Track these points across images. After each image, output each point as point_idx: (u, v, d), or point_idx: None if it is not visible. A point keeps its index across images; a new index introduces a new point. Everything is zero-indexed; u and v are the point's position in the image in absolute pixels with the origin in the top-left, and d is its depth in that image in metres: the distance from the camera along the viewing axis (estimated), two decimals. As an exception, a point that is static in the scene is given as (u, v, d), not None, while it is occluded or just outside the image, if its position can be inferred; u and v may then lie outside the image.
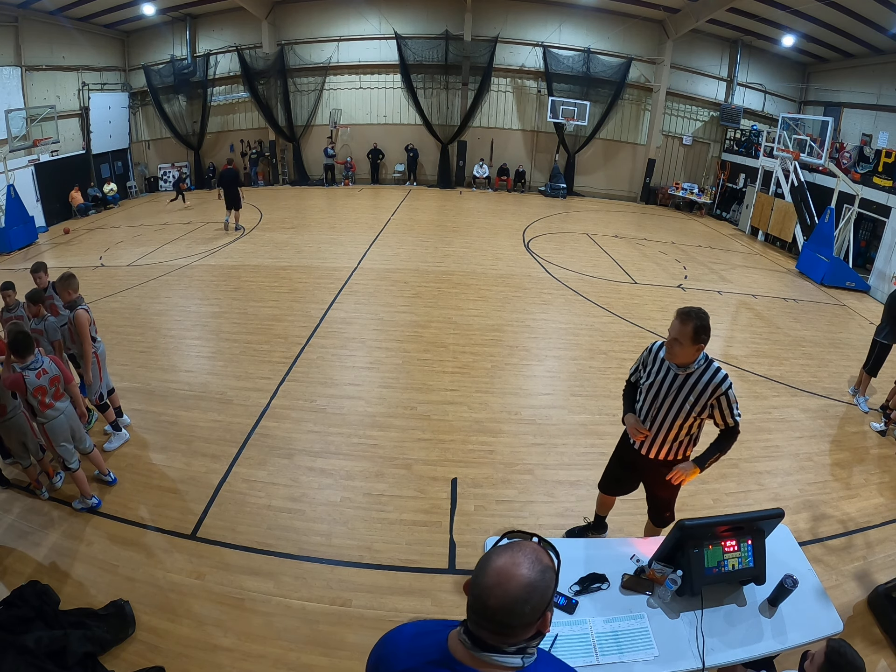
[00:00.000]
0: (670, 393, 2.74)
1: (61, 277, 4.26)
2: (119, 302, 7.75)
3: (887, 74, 12.86)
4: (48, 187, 13.29)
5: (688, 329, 2.60)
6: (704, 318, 2.61)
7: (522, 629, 1.06)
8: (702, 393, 2.66)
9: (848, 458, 4.88)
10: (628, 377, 3.09)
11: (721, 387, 2.64)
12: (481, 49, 15.90)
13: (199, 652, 2.85)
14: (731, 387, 2.66)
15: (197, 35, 16.66)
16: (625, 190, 17.63)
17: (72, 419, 3.78)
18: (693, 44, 15.94)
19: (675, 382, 2.72)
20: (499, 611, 1.02)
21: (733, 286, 9.58)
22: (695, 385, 2.67)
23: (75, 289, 4.28)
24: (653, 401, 2.81)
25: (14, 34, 12.78)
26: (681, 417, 2.73)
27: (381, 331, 6.89)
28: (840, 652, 1.81)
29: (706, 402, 2.67)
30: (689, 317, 2.61)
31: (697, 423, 2.78)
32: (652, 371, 2.83)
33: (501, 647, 1.06)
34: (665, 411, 2.77)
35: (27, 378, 3.44)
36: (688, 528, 2.17)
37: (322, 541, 3.62)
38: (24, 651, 2.64)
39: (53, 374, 3.61)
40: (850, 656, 1.79)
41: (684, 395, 2.70)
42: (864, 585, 3.45)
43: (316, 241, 10.83)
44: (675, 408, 2.73)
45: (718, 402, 2.68)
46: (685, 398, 2.70)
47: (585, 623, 2.16)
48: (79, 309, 4.22)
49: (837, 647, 1.82)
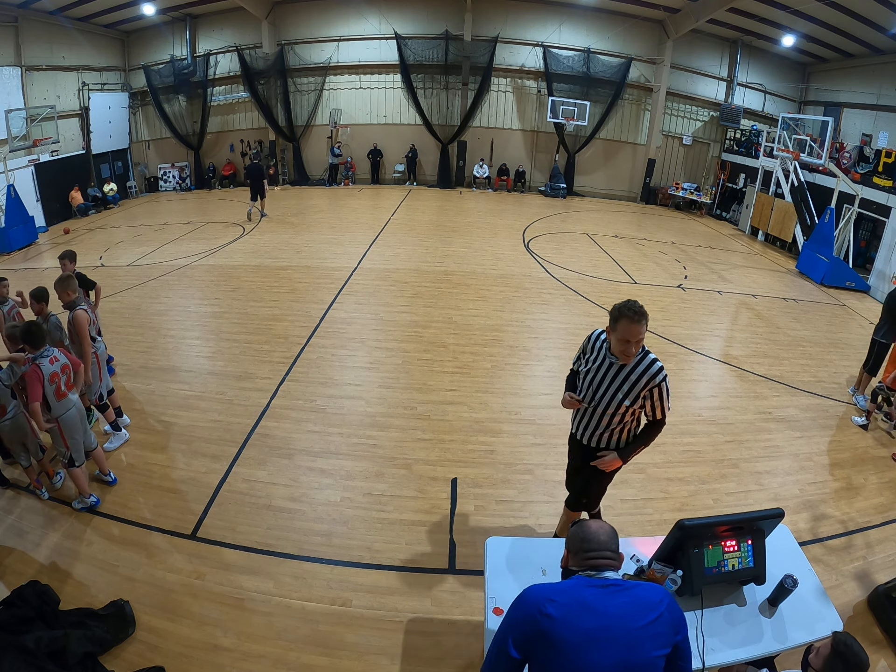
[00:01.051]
0: (605, 381, 2.74)
1: (60, 279, 4.28)
2: (119, 302, 7.75)
3: (887, 74, 12.85)
4: (48, 187, 13.29)
5: (642, 328, 2.54)
6: (646, 313, 2.58)
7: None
8: (636, 383, 2.66)
9: (848, 458, 4.88)
10: (572, 365, 3.09)
11: (655, 378, 2.64)
12: (481, 49, 15.90)
13: (199, 652, 2.85)
14: (665, 379, 2.67)
15: (197, 35, 16.66)
16: (625, 190, 17.63)
17: (81, 413, 3.83)
18: (693, 44, 15.94)
19: (610, 371, 2.72)
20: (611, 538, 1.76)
21: (733, 286, 9.58)
22: (629, 375, 2.67)
23: (74, 289, 4.29)
24: (589, 389, 2.81)
25: (14, 34, 12.78)
26: (613, 406, 2.73)
27: (381, 331, 6.89)
28: (847, 643, 1.83)
29: (639, 392, 2.67)
30: (642, 315, 2.52)
31: (631, 412, 2.78)
32: (591, 359, 2.83)
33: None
34: (600, 400, 2.77)
35: (42, 366, 3.49)
36: (688, 528, 2.17)
37: (322, 541, 3.62)
38: (24, 651, 2.64)
39: (63, 362, 3.69)
40: (856, 648, 1.81)
41: (618, 384, 2.70)
42: (864, 585, 3.45)
43: (316, 241, 10.83)
44: (608, 396, 2.73)
45: (651, 394, 2.69)
46: (619, 387, 2.70)
47: None
48: (78, 309, 4.23)
49: (844, 639, 1.85)
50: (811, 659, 1.87)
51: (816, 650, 1.89)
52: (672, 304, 8.39)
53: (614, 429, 2.84)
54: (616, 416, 2.78)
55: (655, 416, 2.80)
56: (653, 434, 2.89)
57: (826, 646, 1.85)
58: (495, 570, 2.37)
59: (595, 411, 2.81)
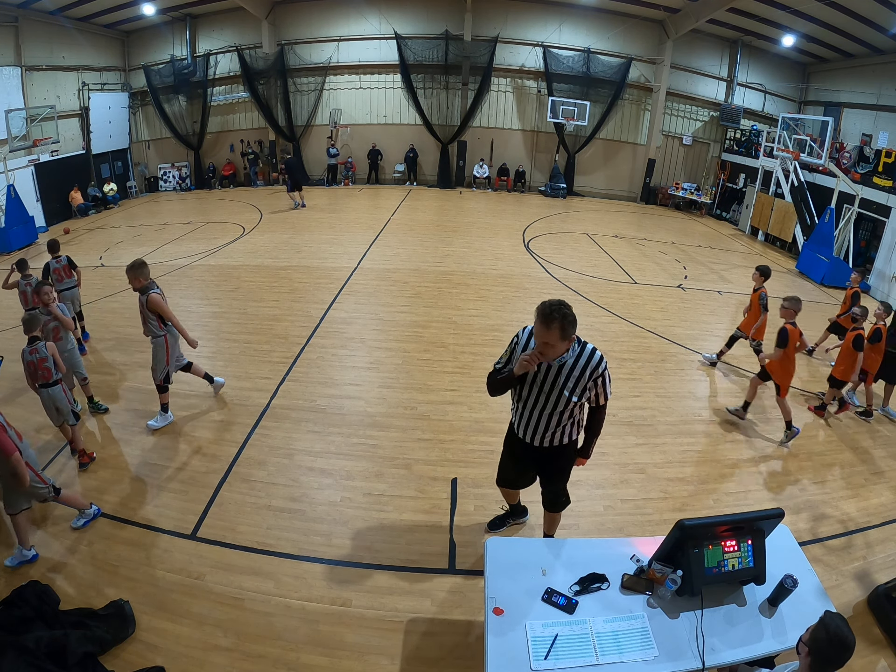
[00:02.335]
0: (546, 383, 2.66)
1: (132, 265, 4.63)
2: (119, 302, 7.75)
3: (887, 74, 12.86)
4: (48, 187, 13.30)
5: (553, 331, 2.43)
6: (568, 314, 2.44)
7: None
8: (580, 378, 2.63)
9: (848, 458, 4.88)
10: (494, 365, 2.90)
11: (598, 369, 2.63)
12: (481, 49, 15.90)
13: (199, 652, 2.85)
14: (606, 366, 2.66)
15: (197, 35, 16.66)
16: (625, 190, 17.63)
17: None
18: (693, 44, 15.94)
19: (549, 373, 2.64)
20: None
21: (733, 286, 9.58)
22: (571, 372, 2.62)
23: (146, 276, 4.65)
24: (529, 390, 2.73)
25: (14, 34, 12.78)
26: (560, 405, 2.69)
27: (381, 331, 6.89)
28: (832, 617, 1.86)
29: (585, 385, 2.65)
30: (552, 318, 2.41)
31: (579, 407, 2.78)
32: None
33: None
34: (544, 401, 2.71)
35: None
36: (688, 528, 2.17)
37: (322, 541, 3.61)
38: (24, 651, 2.64)
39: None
40: (840, 622, 1.84)
41: (561, 383, 2.64)
42: (864, 585, 3.45)
43: (316, 241, 10.83)
44: (553, 397, 2.68)
45: (595, 384, 2.67)
46: (563, 386, 2.64)
47: (585, 623, 2.16)
48: (151, 293, 4.57)
49: (832, 614, 1.89)
50: (802, 635, 1.90)
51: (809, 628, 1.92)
52: (672, 304, 8.39)
53: (565, 425, 2.81)
54: (565, 414, 2.74)
55: (599, 402, 2.80)
56: (600, 422, 2.93)
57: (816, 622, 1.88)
58: (495, 570, 2.37)
59: (542, 413, 2.75)
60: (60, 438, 4.53)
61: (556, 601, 2.23)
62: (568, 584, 2.30)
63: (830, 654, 1.80)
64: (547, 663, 2.01)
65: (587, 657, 2.04)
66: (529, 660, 2.01)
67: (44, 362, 4.00)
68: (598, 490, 4.21)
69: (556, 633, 2.10)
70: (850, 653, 1.80)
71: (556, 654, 2.04)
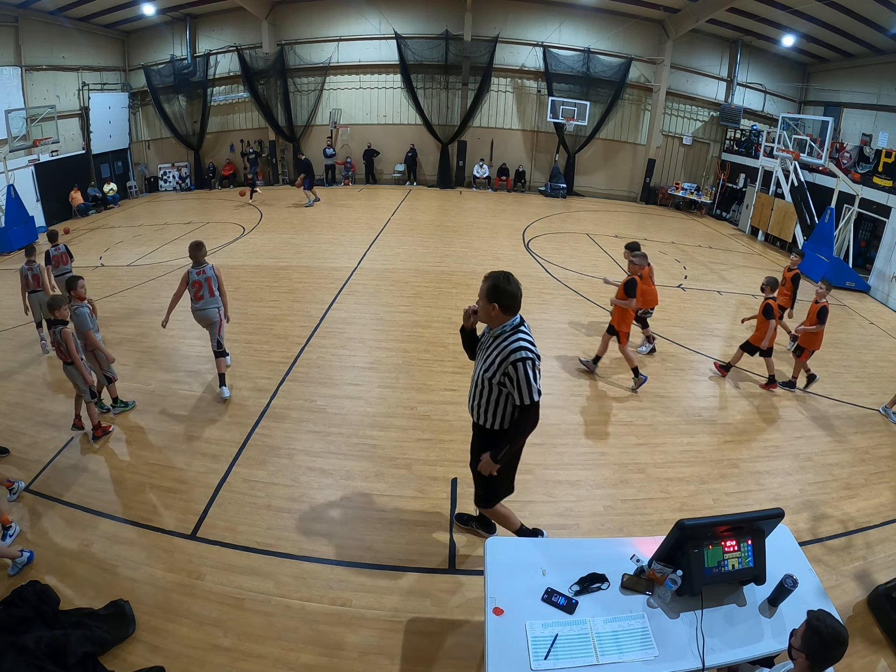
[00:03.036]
0: (481, 349, 2.90)
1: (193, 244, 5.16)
2: (119, 302, 7.75)
3: (887, 74, 12.86)
4: (48, 187, 13.30)
5: (483, 289, 2.73)
6: (499, 280, 2.68)
7: None
8: (495, 358, 2.73)
9: (848, 458, 4.88)
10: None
11: (509, 357, 2.65)
12: (481, 49, 15.90)
13: (199, 652, 2.85)
14: (523, 363, 2.62)
15: (197, 35, 16.66)
16: (625, 190, 17.63)
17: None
18: (693, 44, 15.94)
19: (485, 341, 2.87)
20: None
21: (733, 286, 9.58)
22: (493, 348, 2.76)
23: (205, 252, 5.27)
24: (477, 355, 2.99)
25: (14, 34, 12.79)
26: (478, 373, 2.85)
27: (381, 331, 6.89)
28: (818, 618, 1.86)
29: (496, 368, 2.70)
30: (487, 278, 2.74)
31: (497, 391, 2.79)
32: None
33: None
34: (475, 367, 2.93)
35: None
36: (688, 528, 2.17)
37: (322, 541, 3.62)
38: (24, 651, 2.64)
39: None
40: (828, 620, 1.84)
41: (485, 353, 2.81)
42: (864, 585, 3.45)
43: (316, 241, 10.83)
44: (478, 366, 2.87)
45: (507, 375, 2.68)
46: (486, 356, 2.79)
47: (585, 623, 2.16)
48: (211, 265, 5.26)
49: (816, 615, 1.88)
50: (792, 641, 1.90)
51: (796, 633, 1.92)
52: (672, 304, 8.38)
53: (482, 402, 2.88)
54: (484, 389, 2.83)
55: (517, 401, 2.74)
56: (517, 428, 2.81)
57: (803, 625, 1.88)
58: (495, 570, 2.37)
59: (473, 379, 2.95)
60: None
61: (556, 601, 2.23)
62: (568, 584, 2.30)
63: (830, 654, 1.81)
64: (547, 663, 2.01)
65: (587, 657, 2.04)
66: (529, 660, 2.01)
67: (60, 346, 4.39)
68: (598, 490, 4.21)
69: (557, 633, 2.10)
70: (846, 645, 1.81)
71: (556, 654, 2.04)
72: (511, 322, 2.74)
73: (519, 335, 2.70)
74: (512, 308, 2.72)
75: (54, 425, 4.84)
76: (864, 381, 6.42)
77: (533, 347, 2.71)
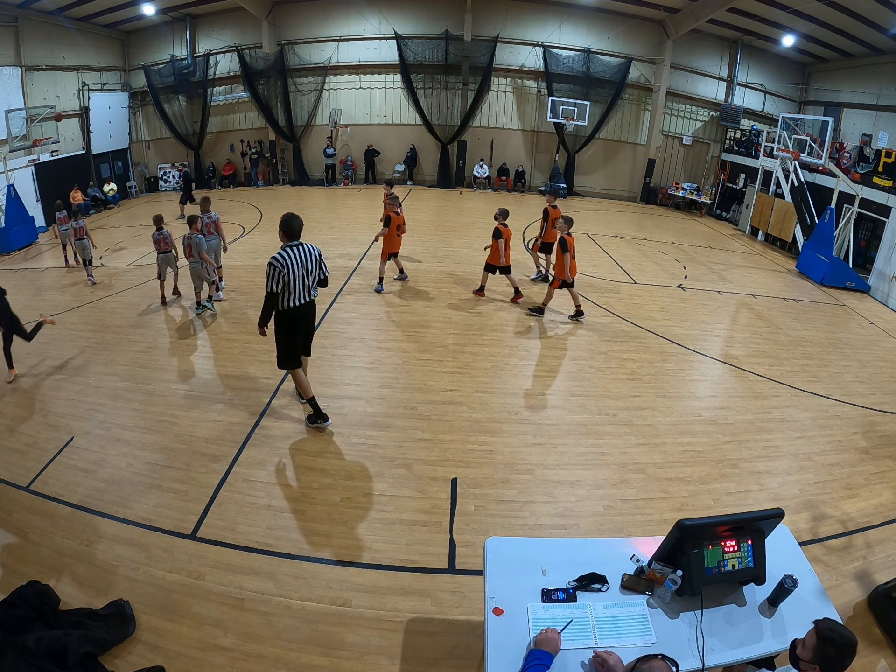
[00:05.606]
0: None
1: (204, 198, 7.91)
2: (119, 302, 7.75)
3: (887, 74, 12.85)
4: (48, 187, 13.29)
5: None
6: (288, 217, 4.30)
7: None
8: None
9: (848, 458, 4.88)
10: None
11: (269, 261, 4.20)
12: (481, 49, 15.90)
13: (199, 652, 2.86)
14: (269, 265, 4.14)
15: (197, 35, 16.66)
16: (625, 190, 17.63)
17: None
18: (693, 44, 15.94)
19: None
20: None
21: (733, 286, 9.58)
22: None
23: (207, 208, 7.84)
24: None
25: (14, 34, 12.78)
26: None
27: (381, 331, 6.89)
28: (830, 628, 1.82)
29: None
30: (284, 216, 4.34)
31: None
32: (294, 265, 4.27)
33: None
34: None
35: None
36: (688, 528, 2.17)
37: (322, 541, 3.62)
38: (24, 651, 2.64)
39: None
40: (839, 629, 1.81)
41: None
42: (864, 585, 3.46)
43: (316, 241, 10.71)
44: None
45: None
46: None
47: (586, 607, 2.19)
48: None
49: (826, 625, 1.84)
50: (799, 653, 1.87)
51: (802, 643, 1.89)
52: (672, 304, 8.39)
53: None
54: None
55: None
56: (262, 307, 4.38)
57: (811, 636, 1.85)
58: (495, 570, 2.36)
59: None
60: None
61: (557, 597, 2.23)
62: (566, 583, 2.30)
63: (845, 663, 1.79)
64: None
65: (586, 640, 2.06)
66: (530, 640, 2.03)
67: (191, 247, 7.01)
68: (598, 490, 4.21)
69: (572, 618, 2.12)
70: (856, 651, 1.80)
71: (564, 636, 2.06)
72: (287, 245, 4.26)
73: (280, 251, 4.21)
74: (289, 236, 4.28)
75: (54, 425, 4.84)
76: (864, 381, 6.42)
77: (280, 259, 4.15)
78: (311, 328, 4.84)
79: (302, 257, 4.26)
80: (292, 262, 4.18)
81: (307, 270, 4.33)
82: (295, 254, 4.23)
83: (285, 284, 4.20)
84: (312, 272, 4.39)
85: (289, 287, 4.23)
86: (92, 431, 4.77)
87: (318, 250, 4.44)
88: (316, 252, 4.41)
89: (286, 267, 4.15)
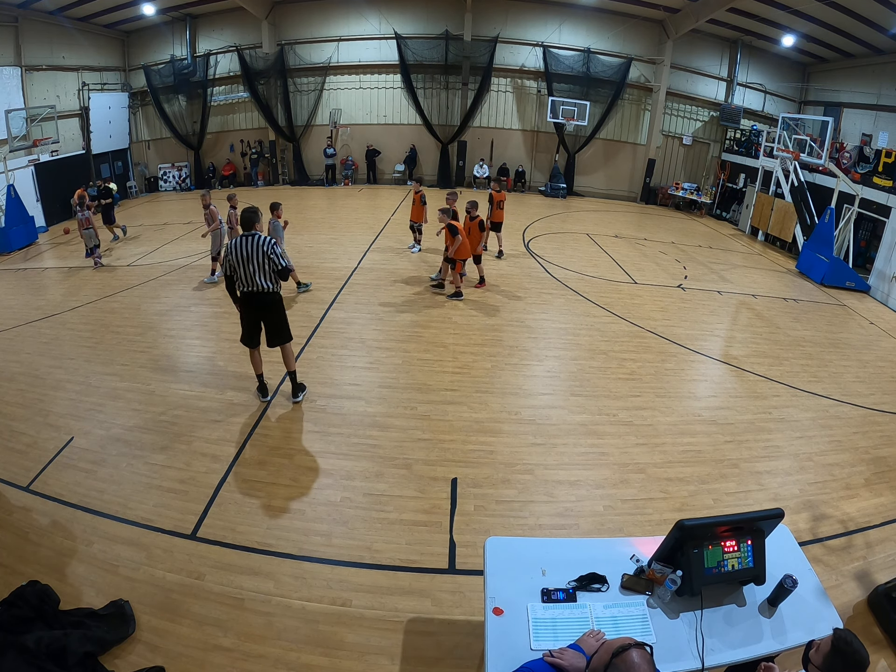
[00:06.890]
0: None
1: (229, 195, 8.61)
2: (119, 302, 7.75)
3: (887, 74, 12.86)
4: (48, 187, 13.28)
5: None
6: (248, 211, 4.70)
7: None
8: None
9: (848, 458, 4.88)
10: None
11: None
12: (481, 49, 15.90)
13: (199, 652, 2.85)
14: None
15: (197, 35, 16.66)
16: (625, 190, 17.63)
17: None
18: (693, 44, 15.95)
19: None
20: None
21: (733, 286, 9.58)
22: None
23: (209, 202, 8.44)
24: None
25: (14, 34, 12.78)
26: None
27: (381, 331, 6.89)
28: (847, 640, 1.81)
29: None
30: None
31: None
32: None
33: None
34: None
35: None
36: (688, 528, 2.17)
37: (322, 541, 3.62)
38: (24, 651, 2.64)
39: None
40: (856, 645, 1.80)
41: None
42: (864, 585, 3.45)
43: (316, 241, 10.82)
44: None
45: None
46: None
47: (585, 607, 2.19)
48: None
49: (844, 636, 1.83)
50: (811, 655, 1.87)
51: (817, 646, 1.89)
52: (672, 304, 8.39)
53: None
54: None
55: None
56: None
57: (826, 643, 1.85)
58: (495, 570, 2.37)
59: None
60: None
61: (557, 597, 2.23)
62: (566, 583, 2.30)
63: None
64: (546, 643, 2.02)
65: None
66: (530, 640, 2.03)
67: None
68: (598, 490, 4.21)
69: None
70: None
71: (556, 634, 2.06)
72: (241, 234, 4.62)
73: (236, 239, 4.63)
74: (243, 227, 4.66)
75: (54, 425, 4.84)
76: (864, 381, 6.42)
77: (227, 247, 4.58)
78: (271, 321, 4.92)
79: (245, 247, 4.53)
80: (236, 250, 4.54)
81: (248, 259, 4.54)
82: (241, 243, 4.55)
83: (234, 271, 4.60)
84: (255, 261, 4.55)
85: (237, 273, 4.61)
86: (92, 431, 4.77)
87: (270, 242, 4.58)
88: (264, 243, 4.56)
89: (230, 254, 4.57)
